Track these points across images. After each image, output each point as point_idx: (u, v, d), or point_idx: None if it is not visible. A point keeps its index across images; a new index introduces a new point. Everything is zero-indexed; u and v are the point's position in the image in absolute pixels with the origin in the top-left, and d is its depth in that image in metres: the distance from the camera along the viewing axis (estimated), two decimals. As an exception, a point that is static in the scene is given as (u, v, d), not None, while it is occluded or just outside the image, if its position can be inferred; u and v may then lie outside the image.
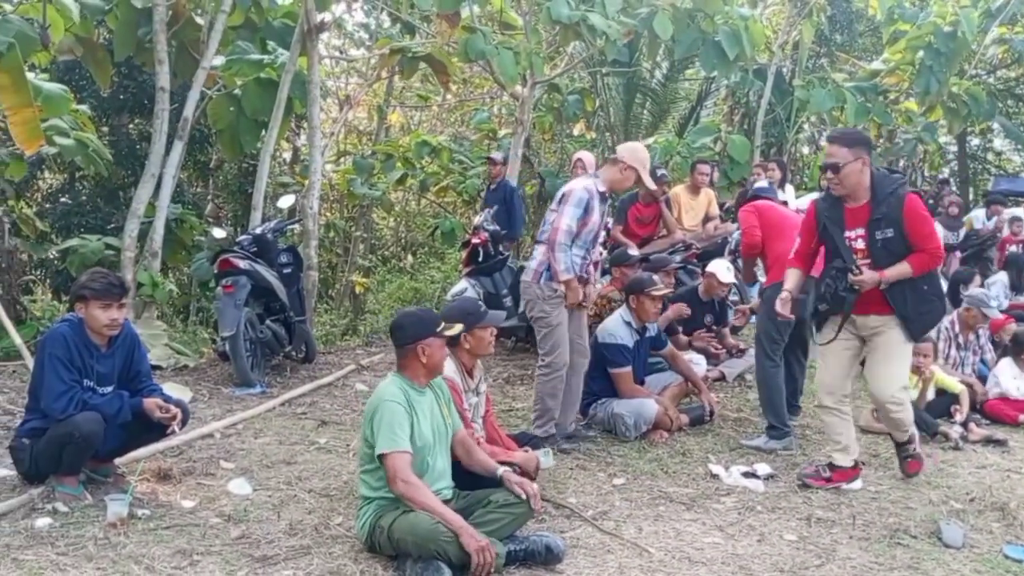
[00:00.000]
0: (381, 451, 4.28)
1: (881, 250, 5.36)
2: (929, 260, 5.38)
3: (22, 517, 4.66)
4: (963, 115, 15.36)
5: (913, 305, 5.41)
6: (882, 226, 5.34)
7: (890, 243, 5.34)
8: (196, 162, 14.44)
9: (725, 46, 12.06)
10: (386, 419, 4.34)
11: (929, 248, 5.37)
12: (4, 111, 8.53)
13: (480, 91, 18.61)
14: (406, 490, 4.23)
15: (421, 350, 4.53)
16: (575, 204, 6.14)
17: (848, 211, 5.47)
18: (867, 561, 4.64)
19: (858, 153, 5.36)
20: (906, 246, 5.34)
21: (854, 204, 5.45)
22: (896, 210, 5.31)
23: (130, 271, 8.96)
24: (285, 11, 11.45)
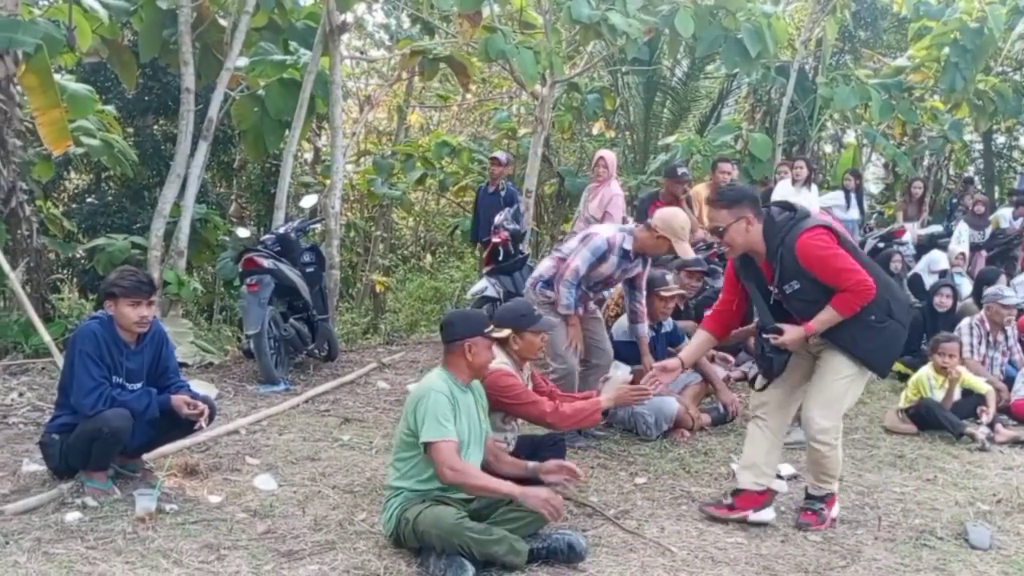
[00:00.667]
0: (427, 439, 4.32)
1: (798, 303, 4.77)
2: (854, 298, 4.65)
3: (52, 511, 4.71)
4: (989, 112, 15.20)
5: (863, 341, 4.77)
6: (786, 280, 4.74)
7: (802, 294, 4.73)
8: (220, 162, 14.56)
9: (747, 43, 11.98)
10: (432, 408, 4.38)
11: (848, 286, 4.65)
12: (32, 112, 8.64)
13: (499, 91, 18.62)
14: (455, 477, 4.29)
15: (468, 348, 4.58)
16: (591, 250, 6.31)
17: (762, 266, 4.88)
18: (893, 563, 4.63)
19: (739, 212, 4.76)
20: (824, 290, 4.69)
21: (760, 259, 4.87)
22: (791, 261, 4.68)
23: (156, 270, 9.05)
24: (307, 12, 11.55)
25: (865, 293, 4.63)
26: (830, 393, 4.84)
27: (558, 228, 15.91)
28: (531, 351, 5.29)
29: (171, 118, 13.27)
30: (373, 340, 11.75)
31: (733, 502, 5.10)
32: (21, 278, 8.35)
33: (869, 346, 4.77)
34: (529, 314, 5.27)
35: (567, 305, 6.27)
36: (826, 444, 4.87)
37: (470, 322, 4.68)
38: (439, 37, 13.56)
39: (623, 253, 6.34)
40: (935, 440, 7.09)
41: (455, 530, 4.12)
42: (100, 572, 4.01)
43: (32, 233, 8.93)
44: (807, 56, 15.86)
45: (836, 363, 4.83)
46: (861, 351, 4.78)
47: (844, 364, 4.83)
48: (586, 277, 6.34)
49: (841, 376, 4.83)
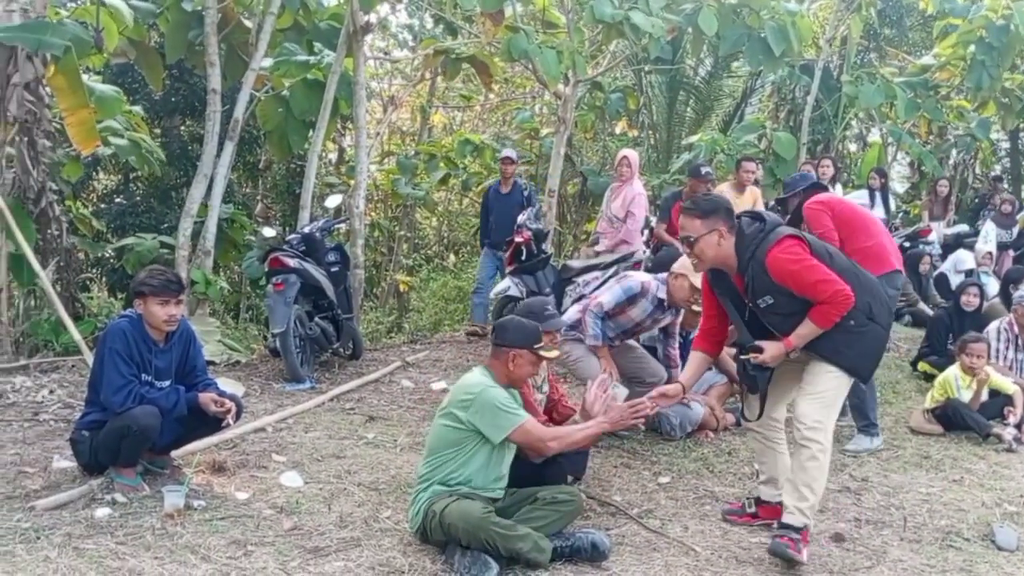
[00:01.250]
0: (509, 430, 4.42)
1: (775, 317, 4.56)
2: (832, 309, 4.44)
3: (83, 507, 4.75)
4: (1016, 111, 15.04)
5: (845, 348, 4.55)
6: (759, 295, 4.53)
7: (777, 308, 4.52)
8: (246, 163, 14.65)
9: (771, 42, 11.92)
10: (492, 402, 4.45)
11: (824, 299, 4.44)
12: (61, 112, 8.72)
13: (522, 90, 18.63)
14: (559, 445, 4.55)
15: (512, 357, 4.61)
16: (623, 289, 6.39)
17: (735, 280, 4.65)
18: (918, 564, 4.62)
19: (713, 224, 4.52)
20: (800, 302, 4.48)
21: (732, 273, 4.64)
22: (762, 275, 4.47)
23: (184, 269, 9.12)
24: (331, 13, 11.59)
25: (844, 303, 4.43)
26: (823, 387, 4.61)
27: (581, 228, 15.92)
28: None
29: (197, 119, 13.37)
30: (397, 339, 11.80)
31: (756, 511, 5.07)
32: (51, 277, 8.43)
33: (851, 352, 4.56)
34: (540, 313, 5.34)
35: (594, 335, 6.33)
36: (817, 443, 4.53)
37: (523, 334, 4.67)
38: (462, 37, 13.59)
39: (657, 302, 6.40)
40: (961, 441, 7.05)
41: (481, 524, 4.15)
42: (129, 567, 4.04)
43: (62, 233, 9.01)
44: (832, 54, 15.76)
45: (825, 364, 4.62)
46: (844, 359, 4.57)
47: (829, 367, 4.62)
48: (615, 320, 6.40)
49: (832, 373, 4.60)
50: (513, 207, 10.33)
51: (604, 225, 9.68)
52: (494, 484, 4.53)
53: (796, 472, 4.60)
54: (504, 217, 10.36)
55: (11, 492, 4.99)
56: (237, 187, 14.56)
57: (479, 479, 4.48)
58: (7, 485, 5.11)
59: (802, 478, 4.54)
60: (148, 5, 10.44)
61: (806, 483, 4.53)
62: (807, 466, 4.53)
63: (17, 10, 8.17)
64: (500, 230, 10.36)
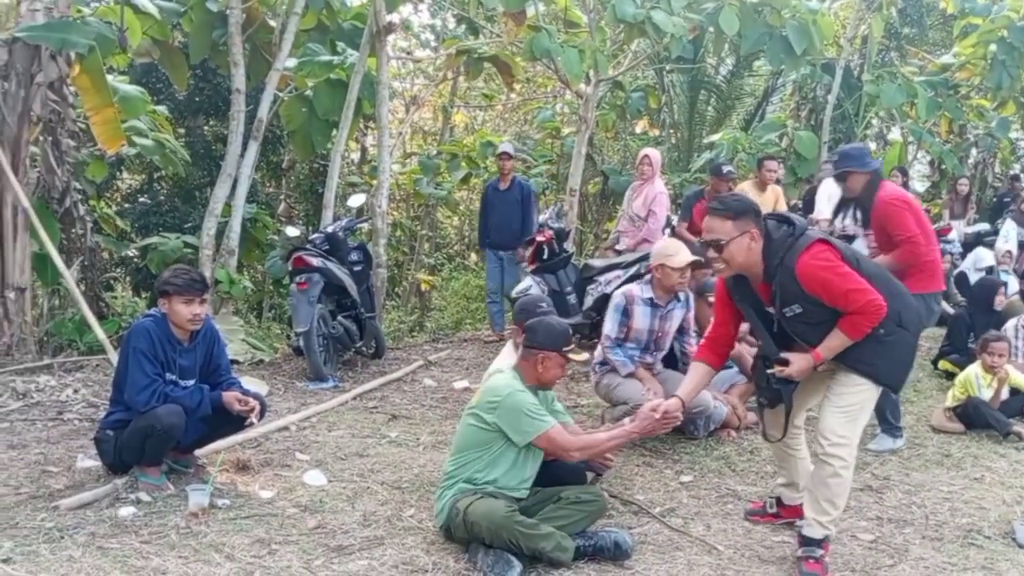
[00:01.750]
0: (535, 435, 4.43)
1: (802, 327, 4.27)
2: (863, 320, 4.17)
3: (107, 506, 4.79)
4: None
5: (875, 358, 4.29)
6: (787, 303, 4.23)
7: (805, 317, 4.23)
8: (269, 163, 14.72)
9: (793, 41, 11.90)
10: (519, 406, 4.46)
11: (856, 308, 4.16)
12: (86, 112, 8.77)
13: (543, 90, 18.63)
14: (584, 453, 4.58)
15: (541, 360, 4.61)
16: (614, 309, 6.44)
17: (759, 288, 4.36)
18: (940, 561, 4.60)
19: (744, 225, 4.21)
20: (830, 312, 4.21)
21: (756, 280, 4.35)
22: (790, 283, 4.16)
23: (208, 268, 9.18)
24: (355, 13, 11.63)
25: (876, 313, 4.16)
26: (851, 400, 4.33)
27: (602, 226, 15.90)
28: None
29: (221, 119, 13.45)
30: (419, 338, 11.82)
31: (778, 511, 5.00)
32: (75, 276, 8.51)
33: (882, 363, 4.29)
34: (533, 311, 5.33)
35: (622, 363, 6.35)
36: (841, 459, 4.28)
37: (552, 336, 4.64)
38: (484, 37, 13.60)
39: (648, 302, 6.40)
40: (982, 439, 7.01)
41: (505, 523, 4.16)
42: (154, 566, 4.07)
43: (86, 232, 9.08)
44: (853, 53, 15.72)
45: (853, 375, 4.33)
46: (875, 370, 4.30)
47: (856, 379, 4.33)
48: (630, 340, 6.43)
49: (861, 387, 4.32)
50: (513, 205, 10.16)
51: (625, 224, 9.66)
52: (520, 485, 4.54)
53: (817, 487, 4.38)
54: (504, 216, 10.19)
55: (35, 491, 5.04)
56: (260, 187, 14.63)
57: (505, 480, 4.49)
58: (31, 484, 5.16)
59: (824, 493, 4.35)
60: (172, 5, 10.51)
61: (828, 498, 4.35)
62: (829, 482, 4.33)
63: (41, 9, 8.24)
64: (501, 230, 10.20)
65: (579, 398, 7.79)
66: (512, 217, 10.06)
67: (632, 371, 6.34)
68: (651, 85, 15.27)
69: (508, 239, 10.07)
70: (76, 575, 3.96)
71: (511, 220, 10.03)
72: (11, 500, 4.88)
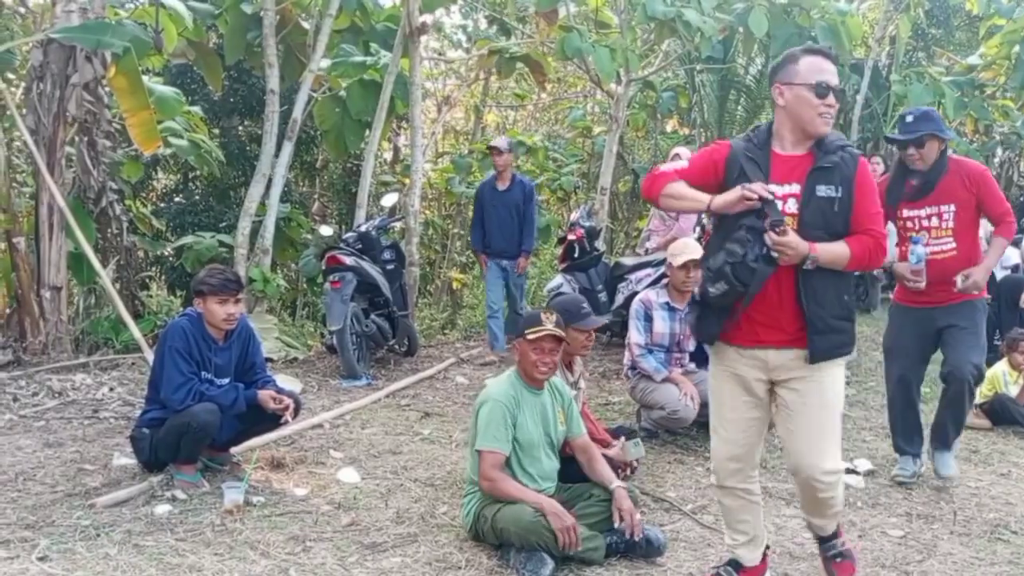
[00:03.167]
0: (478, 447, 4.40)
1: (816, 215, 3.62)
2: (874, 249, 3.69)
3: (143, 504, 4.82)
4: (1059, 110, 15.00)
5: (831, 316, 3.69)
6: (829, 180, 3.66)
7: (833, 206, 3.64)
8: (303, 162, 14.81)
9: (821, 41, 11.85)
10: (486, 417, 4.43)
11: (875, 231, 3.71)
12: (122, 113, 8.85)
13: (574, 89, 18.63)
14: (490, 487, 4.34)
15: (514, 349, 4.64)
16: (634, 317, 6.50)
17: (778, 159, 3.73)
18: (968, 557, 4.61)
19: None
20: (845, 222, 3.66)
21: (788, 150, 3.74)
22: (851, 167, 3.70)
23: (242, 268, 9.25)
24: (387, 15, 11.70)
25: (881, 251, 3.74)
26: (830, 427, 3.79)
27: (632, 225, 15.88)
28: (576, 347, 5.28)
29: (256, 119, 13.55)
30: (451, 335, 11.86)
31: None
32: (111, 275, 8.58)
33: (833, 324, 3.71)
34: (575, 311, 5.21)
35: (655, 370, 6.34)
36: (833, 486, 3.82)
37: (517, 326, 4.67)
38: (515, 37, 13.63)
39: (665, 307, 6.46)
40: (1009, 435, 7.04)
41: (533, 528, 4.14)
42: (189, 564, 4.09)
43: (122, 232, 9.16)
44: (880, 53, 15.65)
45: (819, 387, 3.75)
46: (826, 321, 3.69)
47: (826, 386, 3.77)
48: (655, 345, 6.45)
49: (826, 399, 3.78)
50: (512, 206, 9.22)
51: (656, 223, 9.64)
52: (539, 483, 4.52)
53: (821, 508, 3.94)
54: (504, 219, 9.24)
55: (71, 489, 5.08)
56: (295, 186, 14.73)
57: (523, 477, 4.49)
58: (68, 482, 5.21)
59: (826, 509, 3.94)
60: (207, 7, 10.61)
61: (832, 508, 3.94)
62: (830, 502, 3.89)
63: (76, 11, 8.30)
64: (502, 234, 9.28)
65: (610, 395, 7.80)
66: (511, 220, 9.22)
67: (666, 376, 6.34)
68: (681, 85, 15.24)
69: (510, 246, 9.27)
70: (112, 572, 3.99)
71: (511, 224, 9.21)
72: (48, 498, 4.93)
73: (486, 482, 4.36)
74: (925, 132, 5.40)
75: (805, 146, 3.73)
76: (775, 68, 3.80)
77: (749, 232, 3.55)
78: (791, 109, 3.69)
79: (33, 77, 8.28)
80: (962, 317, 5.49)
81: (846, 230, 3.66)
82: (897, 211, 5.57)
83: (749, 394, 3.85)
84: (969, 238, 5.51)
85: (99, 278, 8.16)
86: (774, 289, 3.65)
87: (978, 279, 5.40)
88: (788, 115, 3.71)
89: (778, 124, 3.77)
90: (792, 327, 3.69)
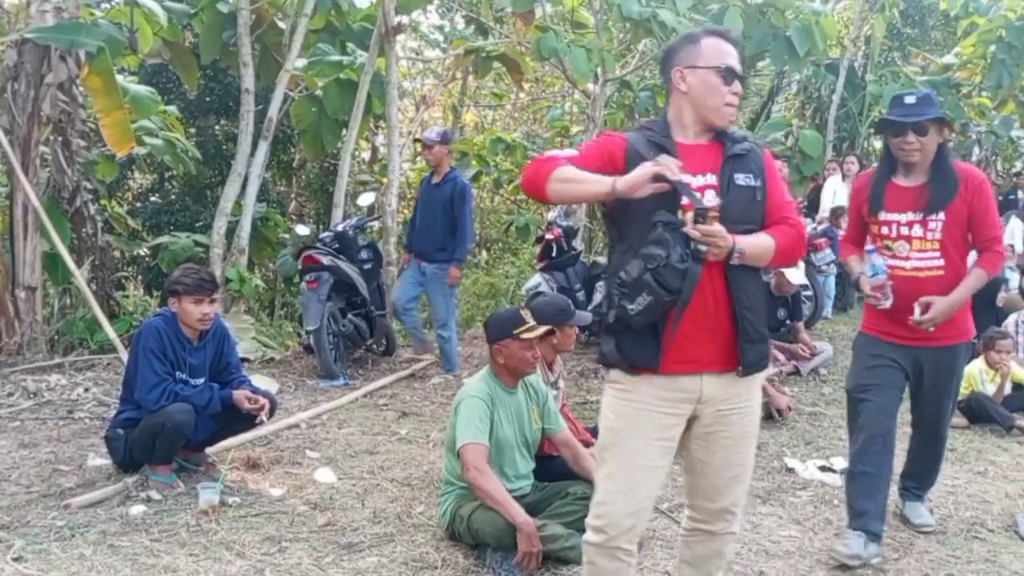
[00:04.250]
0: (461, 442, 4.35)
1: (738, 206, 3.14)
2: (797, 239, 3.29)
3: (117, 504, 4.81)
4: (1036, 109, 15.15)
5: (761, 322, 3.24)
6: (746, 168, 3.21)
7: (755, 195, 3.20)
8: (279, 162, 14.76)
9: (796, 41, 11.97)
10: (465, 413, 4.41)
11: (794, 220, 3.30)
12: (96, 113, 8.81)
13: (552, 89, 18.67)
14: (476, 477, 4.25)
15: (498, 351, 4.58)
16: None
17: (685, 148, 3.20)
18: (944, 555, 4.63)
19: None
20: (763, 214, 3.23)
21: (692, 139, 3.25)
22: (759, 156, 3.28)
23: (218, 267, 9.21)
24: (364, 14, 11.69)
25: (801, 242, 3.37)
26: (748, 462, 3.36)
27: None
28: (567, 344, 5.37)
29: (232, 118, 13.49)
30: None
31: None
32: (86, 276, 8.52)
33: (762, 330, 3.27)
34: (567, 309, 5.27)
35: None
36: (734, 535, 3.44)
37: (502, 325, 4.61)
38: (492, 37, 13.64)
39: None
40: (985, 433, 7.07)
41: (509, 529, 4.14)
42: (164, 564, 4.09)
43: (97, 231, 9.11)
44: (856, 53, 15.78)
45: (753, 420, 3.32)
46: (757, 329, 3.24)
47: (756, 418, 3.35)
48: None
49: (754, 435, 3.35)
50: (439, 204, 8.32)
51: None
52: (516, 483, 4.53)
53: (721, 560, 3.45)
54: (430, 216, 8.41)
55: (46, 490, 5.07)
56: (271, 186, 14.68)
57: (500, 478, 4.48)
58: (42, 483, 5.19)
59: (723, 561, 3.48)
60: (182, 6, 10.57)
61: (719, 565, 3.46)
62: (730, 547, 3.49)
63: (51, 10, 8.27)
64: (425, 232, 8.46)
65: (588, 394, 7.81)
66: (437, 219, 8.30)
67: None
68: (658, 85, 15.27)
69: (430, 247, 8.37)
70: (87, 573, 3.99)
71: (436, 223, 8.30)
72: (23, 499, 4.91)
73: (474, 472, 4.26)
74: (930, 116, 4.42)
75: (708, 135, 3.27)
76: (671, 50, 3.32)
77: (667, 229, 3.01)
78: (695, 95, 3.20)
79: (7, 77, 8.22)
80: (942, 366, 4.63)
81: (763, 223, 3.23)
82: (874, 216, 4.61)
83: (664, 438, 3.20)
84: (959, 256, 4.55)
85: (74, 278, 8.10)
86: (709, 293, 3.11)
87: (938, 314, 4.40)
88: (691, 102, 3.22)
89: (677, 112, 3.27)
90: (728, 340, 3.17)
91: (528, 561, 4.09)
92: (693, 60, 3.21)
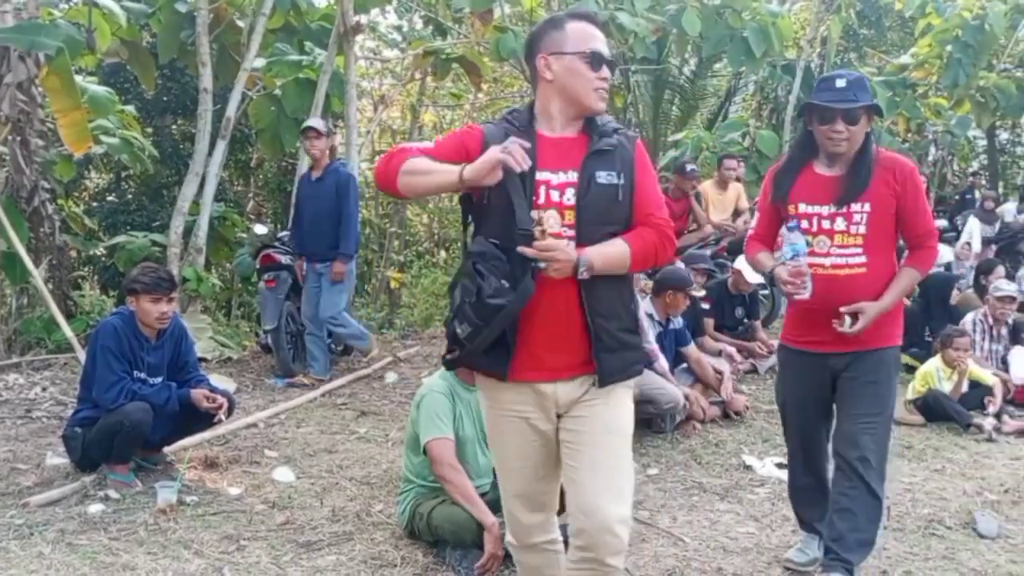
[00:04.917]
0: (425, 439, 4.34)
1: (597, 206, 2.99)
2: (659, 243, 3.07)
3: (76, 503, 4.83)
4: (992, 109, 15.29)
5: (619, 329, 3.06)
6: (609, 165, 3.02)
7: (617, 195, 3.02)
8: (237, 161, 14.69)
9: (752, 43, 12.07)
10: (428, 409, 4.41)
11: (657, 219, 3.10)
12: (53, 113, 8.75)
13: (511, 89, 18.71)
14: (448, 473, 4.23)
15: None
16: None
17: (547, 143, 3.04)
18: (902, 552, 4.68)
19: None
20: (628, 213, 3.06)
21: (557, 132, 3.08)
22: (629, 150, 3.08)
23: (176, 267, 9.16)
24: (322, 14, 11.66)
25: (670, 244, 3.13)
26: (623, 461, 3.09)
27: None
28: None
29: (189, 118, 13.40)
30: (388, 335, 11.85)
31: None
32: (43, 275, 8.46)
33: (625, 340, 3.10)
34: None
35: None
36: (623, 543, 3.01)
37: None
38: (451, 38, 13.65)
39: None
40: (943, 431, 7.14)
41: (468, 525, 4.16)
42: (123, 563, 4.10)
43: (54, 231, 9.05)
44: (812, 54, 15.94)
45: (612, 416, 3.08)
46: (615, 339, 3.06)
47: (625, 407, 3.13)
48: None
49: (625, 431, 3.11)
50: (324, 200, 7.93)
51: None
52: (476, 480, 4.51)
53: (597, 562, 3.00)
54: (315, 215, 7.96)
55: (4, 489, 5.07)
56: (229, 185, 14.62)
57: None
58: (0, 482, 5.19)
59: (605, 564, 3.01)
60: (140, 6, 10.48)
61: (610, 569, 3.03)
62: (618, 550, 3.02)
63: (10, 11, 8.22)
64: (313, 232, 8.00)
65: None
66: (324, 216, 7.91)
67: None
68: (616, 85, 15.36)
69: (321, 246, 7.95)
70: (46, 571, 4.00)
71: (324, 221, 7.90)
72: (-20, 497, 4.89)
73: (448, 468, 4.22)
74: (863, 104, 3.97)
75: (576, 127, 3.09)
76: (535, 36, 3.13)
77: (479, 260, 2.91)
78: (561, 83, 3.02)
79: (-33, 77, 8.15)
80: (864, 370, 4.08)
81: (629, 222, 3.06)
82: (787, 207, 4.16)
83: (536, 433, 3.11)
84: (884, 254, 4.08)
85: (31, 278, 8.07)
86: (562, 302, 2.97)
87: (869, 322, 3.94)
88: (557, 90, 3.04)
89: (543, 102, 3.09)
90: (585, 348, 3.01)
91: (490, 562, 4.10)
92: (558, 46, 3.03)
